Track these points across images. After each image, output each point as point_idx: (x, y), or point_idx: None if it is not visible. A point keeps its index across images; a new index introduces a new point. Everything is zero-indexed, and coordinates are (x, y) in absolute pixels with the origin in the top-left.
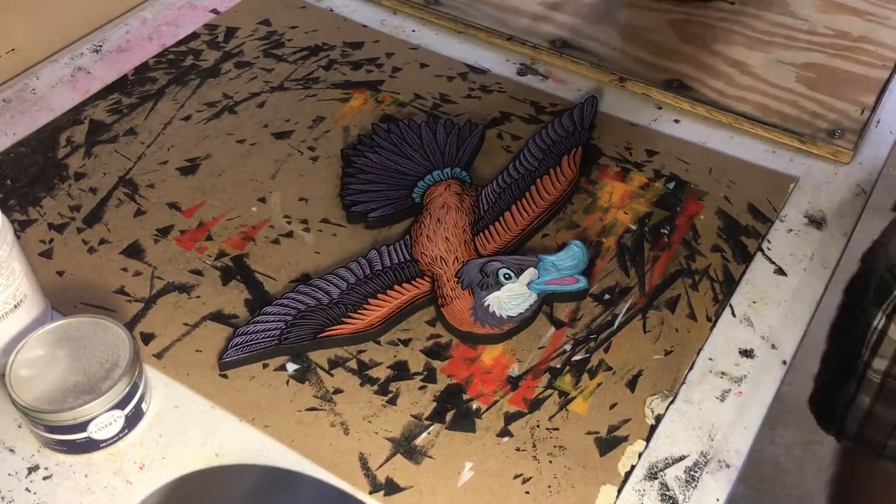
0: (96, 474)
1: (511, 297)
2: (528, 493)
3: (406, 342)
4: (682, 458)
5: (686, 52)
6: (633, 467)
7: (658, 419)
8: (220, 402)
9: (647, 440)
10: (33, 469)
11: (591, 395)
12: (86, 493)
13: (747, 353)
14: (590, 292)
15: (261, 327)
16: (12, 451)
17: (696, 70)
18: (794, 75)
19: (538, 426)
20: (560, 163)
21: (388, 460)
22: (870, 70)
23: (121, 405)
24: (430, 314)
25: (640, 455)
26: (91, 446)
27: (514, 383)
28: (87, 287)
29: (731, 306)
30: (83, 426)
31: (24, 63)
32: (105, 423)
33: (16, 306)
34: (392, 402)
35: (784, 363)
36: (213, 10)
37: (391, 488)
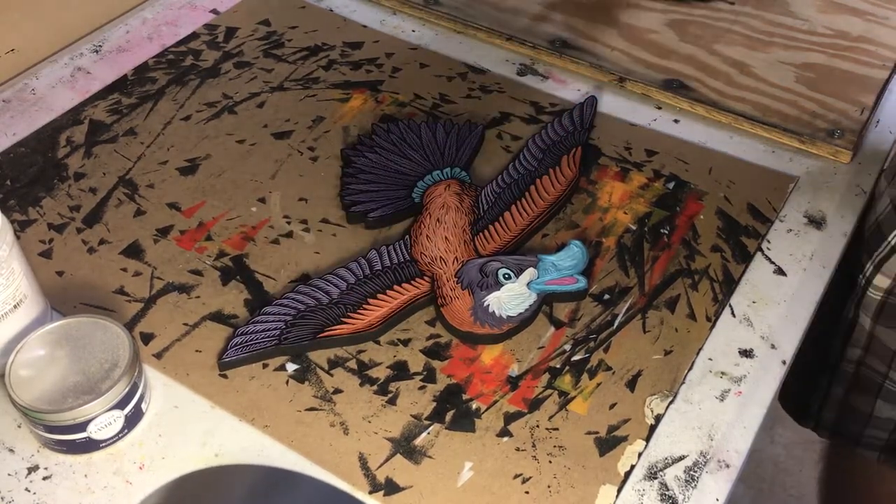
0: (96, 474)
1: (511, 297)
2: (527, 492)
3: (406, 342)
4: (681, 458)
5: (686, 52)
6: (632, 467)
7: (658, 419)
8: (219, 402)
9: (647, 440)
10: (33, 469)
11: (591, 395)
12: (85, 493)
13: (747, 353)
14: (589, 292)
15: (260, 327)
16: (12, 451)
17: (696, 70)
18: (793, 75)
19: (538, 426)
20: (560, 163)
21: (387, 460)
22: (869, 70)
23: (120, 405)
24: (430, 314)
25: (640, 455)
26: (91, 446)
27: (513, 383)
28: (87, 287)
29: (730, 306)
30: (83, 426)
31: (23, 63)
32: (105, 423)
33: (15, 306)
34: (392, 402)
35: (783, 363)
36: (213, 11)
37: (391, 488)
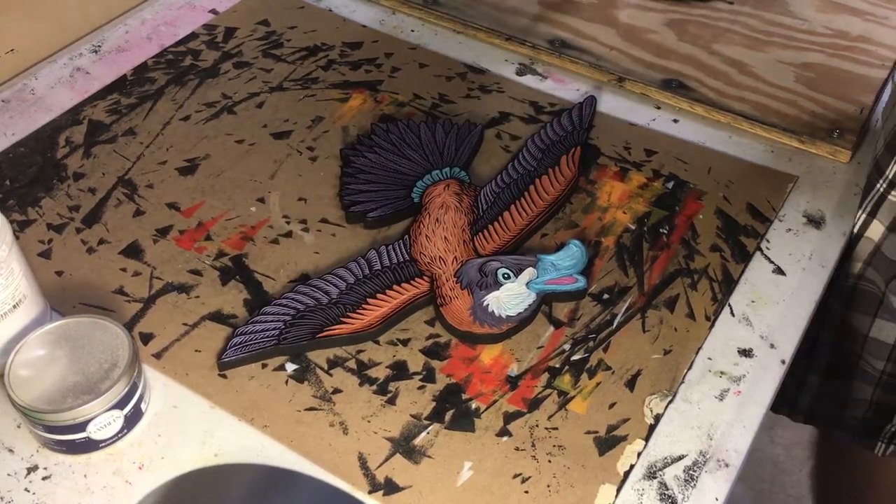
0: (95, 474)
1: (510, 297)
2: (527, 492)
3: (405, 342)
4: (681, 458)
5: (685, 51)
6: (632, 467)
7: (657, 418)
8: (219, 401)
9: (647, 439)
10: (32, 469)
11: (590, 394)
12: (85, 493)
13: (746, 353)
14: (589, 292)
15: (260, 327)
16: (11, 451)
17: (695, 70)
18: (793, 75)
19: (537, 426)
20: (559, 162)
21: (387, 460)
22: (869, 70)
23: (120, 405)
24: (429, 314)
25: (640, 454)
26: (90, 446)
27: (513, 383)
28: (86, 287)
29: (729, 306)
30: (82, 426)
31: (23, 63)
32: (104, 423)
33: (15, 306)
34: (391, 401)
35: (783, 362)
36: (212, 11)
37: (390, 488)
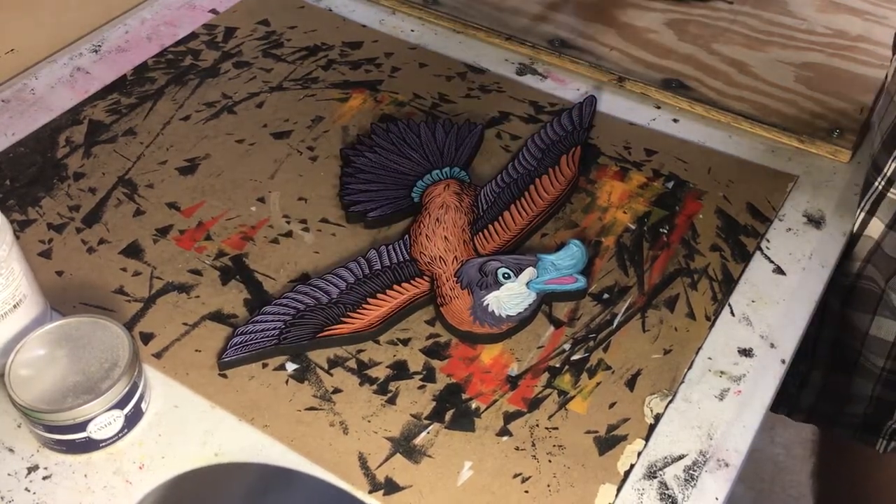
0: (96, 474)
1: (510, 297)
2: (527, 492)
3: (405, 342)
4: (681, 458)
5: (685, 51)
6: (632, 466)
7: (657, 418)
8: (219, 401)
9: (647, 439)
10: (33, 469)
11: (591, 394)
12: (85, 492)
13: (746, 353)
14: (589, 292)
15: (260, 327)
16: (12, 450)
17: (695, 69)
18: (792, 75)
19: (537, 425)
20: (559, 162)
21: (387, 460)
22: (868, 69)
23: (120, 405)
24: (430, 314)
25: (640, 454)
26: (90, 446)
27: (513, 383)
28: (87, 287)
29: (730, 305)
30: (82, 426)
31: (23, 63)
32: (104, 422)
33: (15, 306)
34: (391, 401)
35: (783, 362)
36: (212, 11)
37: (390, 488)
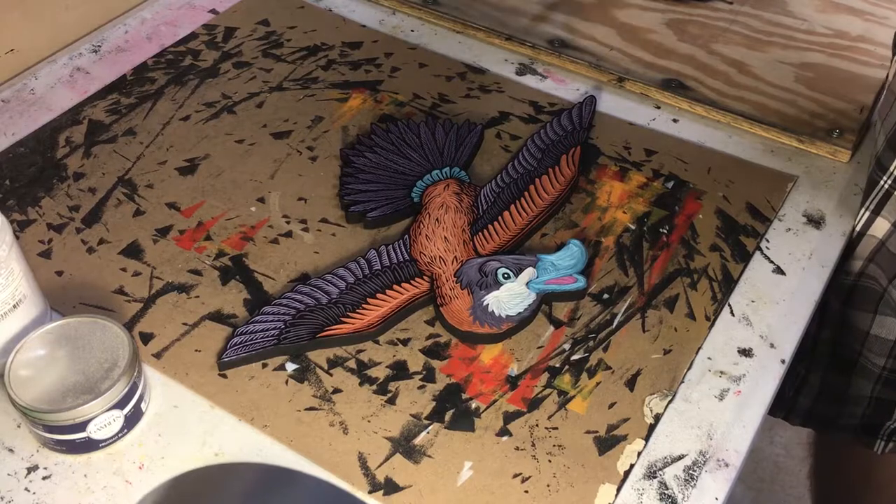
0: (95, 474)
1: (510, 297)
2: (527, 492)
3: (405, 342)
4: (681, 458)
5: (684, 51)
6: (632, 466)
7: (657, 418)
8: (219, 401)
9: (646, 439)
10: (32, 469)
11: (590, 394)
12: (85, 492)
13: (746, 353)
14: (589, 292)
15: (260, 327)
16: (11, 450)
17: (695, 70)
18: (792, 75)
19: (537, 425)
20: (559, 162)
21: (387, 460)
22: (868, 69)
23: (120, 405)
24: (429, 314)
25: (639, 454)
26: (90, 446)
27: (513, 383)
28: (86, 287)
29: (729, 305)
30: (82, 426)
31: (23, 63)
32: (104, 422)
33: (15, 306)
34: (391, 401)
35: (783, 362)
36: (212, 11)
37: (390, 488)
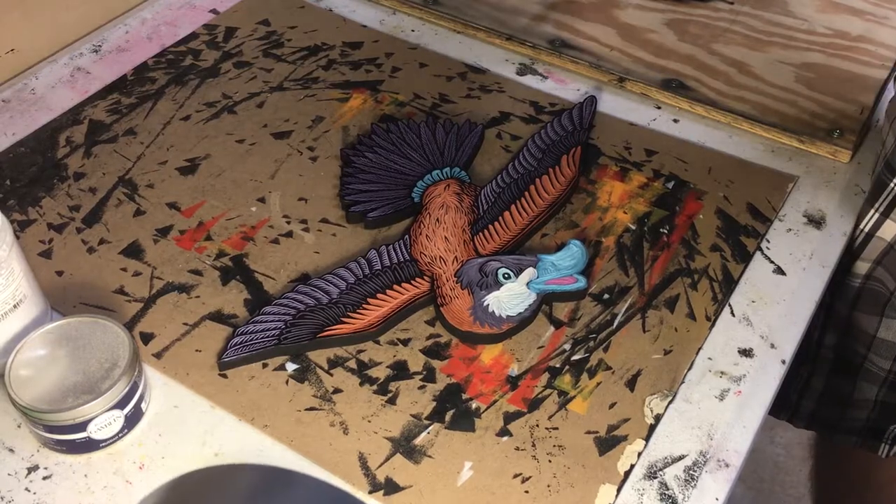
0: (96, 474)
1: (510, 297)
2: (527, 492)
3: (405, 342)
4: (681, 458)
5: (685, 51)
6: (632, 466)
7: (657, 418)
8: (219, 401)
9: (647, 439)
10: (33, 469)
11: (591, 394)
12: (85, 492)
13: (746, 353)
14: (589, 292)
15: (260, 327)
16: (12, 450)
17: (695, 70)
18: (793, 75)
19: (537, 426)
20: (559, 162)
21: (387, 460)
22: (869, 70)
23: (120, 405)
24: (430, 314)
25: (640, 454)
26: (91, 446)
27: (513, 383)
28: (87, 287)
29: (730, 306)
30: (83, 426)
31: (23, 63)
32: (104, 422)
33: (15, 306)
34: (391, 401)
35: (783, 362)
36: (213, 10)
37: (391, 488)
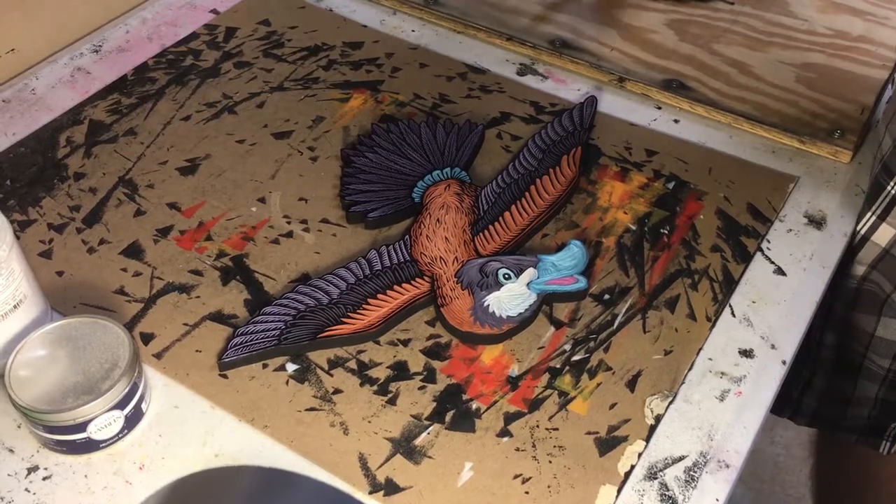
0: (96, 475)
1: (511, 297)
2: (527, 493)
3: (406, 342)
4: (681, 458)
5: (685, 52)
6: (632, 467)
7: (658, 419)
8: (219, 402)
9: (647, 440)
10: (33, 469)
11: (591, 395)
12: (85, 493)
13: (747, 353)
14: (589, 292)
15: (260, 327)
16: (12, 451)
17: (696, 70)
18: (793, 75)
19: (538, 426)
20: (560, 163)
21: (387, 460)
22: (869, 70)
23: (120, 405)
24: (430, 314)
25: (640, 455)
26: (91, 447)
27: (513, 383)
28: (87, 287)
29: (730, 306)
30: (83, 426)
31: (23, 63)
32: (105, 423)
33: (15, 306)
34: (392, 402)
35: (783, 363)
36: (213, 11)
37: (391, 488)
